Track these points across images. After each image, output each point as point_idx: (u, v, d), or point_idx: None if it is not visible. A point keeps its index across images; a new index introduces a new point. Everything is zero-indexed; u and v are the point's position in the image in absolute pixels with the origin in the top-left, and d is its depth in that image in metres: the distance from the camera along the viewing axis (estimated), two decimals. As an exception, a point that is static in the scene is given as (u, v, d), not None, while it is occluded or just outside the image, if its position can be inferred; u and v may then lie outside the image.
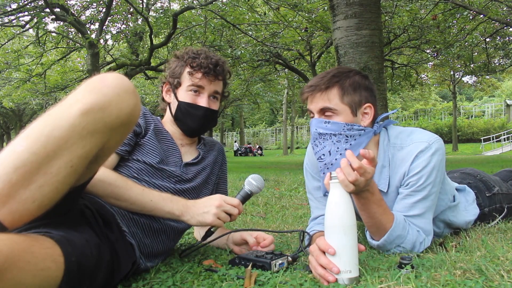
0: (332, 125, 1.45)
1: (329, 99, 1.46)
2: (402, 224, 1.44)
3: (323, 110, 1.47)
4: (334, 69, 1.54)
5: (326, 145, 1.49)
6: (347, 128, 1.46)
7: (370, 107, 1.51)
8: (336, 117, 1.46)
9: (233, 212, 1.36)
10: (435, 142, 1.48)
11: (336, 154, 1.48)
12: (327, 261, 1.15)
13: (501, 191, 1.98)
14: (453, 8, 9.00)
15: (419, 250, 1.44)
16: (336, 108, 1.45)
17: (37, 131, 0.83)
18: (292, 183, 4.82)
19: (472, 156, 18.23)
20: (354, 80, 1.49)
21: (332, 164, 1.49)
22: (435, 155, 1.46)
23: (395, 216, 1.43)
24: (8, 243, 0.76)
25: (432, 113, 37.55)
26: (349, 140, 1.47)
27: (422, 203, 1.47)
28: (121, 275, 1.16)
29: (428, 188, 1.47)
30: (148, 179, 1.41)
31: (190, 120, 1.53)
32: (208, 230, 1.44)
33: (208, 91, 1.53)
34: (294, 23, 9.30)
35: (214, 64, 1.51)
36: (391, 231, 1.42)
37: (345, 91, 1.46)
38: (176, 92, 1.55)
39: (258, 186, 1.47)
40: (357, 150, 1.48)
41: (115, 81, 0.90)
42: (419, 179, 1.46)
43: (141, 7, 9.25)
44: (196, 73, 1.51)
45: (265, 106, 34.33)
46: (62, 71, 12.73)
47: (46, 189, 0.82)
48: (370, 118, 1.51)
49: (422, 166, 1.46)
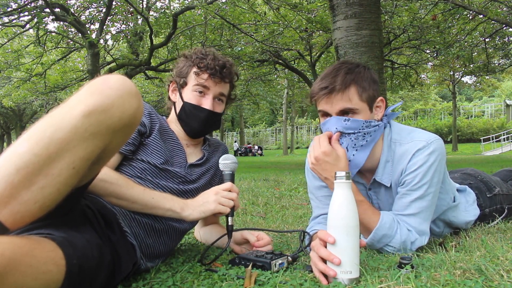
0: (352, 123, 1.45)
1: (350, 99, 1.44)
2: (389, 224, 1.44)
3: (342, 111, 1.45)
4: (339, 65, 1.51)
5: (343, 142, 1.49)
6: (365, 125, 1.46)
7: (382, 101, 1.52)
8: (357, 116, 1.46)
9: (232, 196, 1.38)
10: (434, 142, 1.47)
11: (352, 150, 1.49)
12: (328, 253, 1.16)
13: (501, 192, 1.98)
14: (453, 8, 9.00)
15: (411, 249, 1.44)
16: (357, 107, 1.45)
17: (39, 133, 0.83)
18: (292, 183, 4.83)
19: (472, 156, 18.23)
20: (365, 75, 1.48)
21: (350, 160, 1.49)
22: (432, 155, 1.45)
23: (381, 216, 1.44)
24: (10, 246, 0.76)
25: (432, 113, 37.55)
26: (366, 137, 1.48)
27: (417, 202, 1.46)
28: (121, 275, 1.16)
29: (424, 188, 1.45)
30: (152, 179, 1.42)
31: (193, 121, 1.53)
32: (227, 227, 1.43)
33: (213, 93, 1.53)
34: (294, 21, 9.29)
35: (221, 66, 1.51)
36: (376, 231, 1.43)
37: (363, 88, 1.45)
38: (181, 91, 1.55)
39: (233, 161, 1.48)
40: (371, 146, 1.49)
41: (118, 83, 0.90)
42: (414, 177, 1.45)
43: (141, 7, 9.25)
44: (202, 74, 1.51)
45: (265, 106, 34.28)
46: (62, 71, 12.72)
47: (48, 190, 0.82)
48: (382, 112, 1.52)
49: (419, 164, 1.45)
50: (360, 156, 1.50)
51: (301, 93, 21.40)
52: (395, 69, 13.12)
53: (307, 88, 17.63)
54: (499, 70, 15.55)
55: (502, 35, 11.67)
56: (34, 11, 9.08)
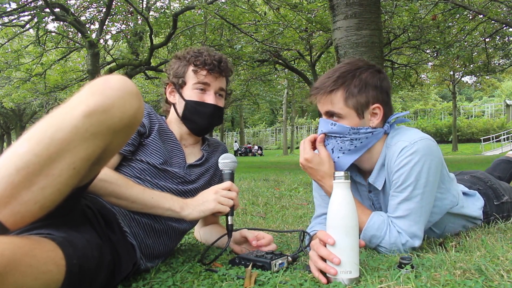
0: (337, 128, 1.46)
1: (333, 103, 1.45)
2: (378, 225, 1.44)
3: (328, 113, 1.48)
4: (343, 65, 1.51)
5: (329, 143, 1.50)
6: (352, 131, 1.46)
7: (379, 108, 1.48)
8: (342, 120, 1.46)
9: (232, 195, 1.38)
10: (418, 142, 1.42)
11: (338, 153, 1.49)
12: (328, 252, 1.16)
13: (510, 199, 1.95)
14: (453, 8, 9.00)
15: (403, 251, 1.43)
16: (340, 112, 1.45)
17: (40, 133, 0.83)
18: (292, 183, 4.83)
19: (472, 156, 18.23)
20: (361, 79, 1.46)
21: (335, 161, 1.50)
22: (415, 155, 1.41)
23: (371, 216, 1.45)
24: (11, 246, 0.76)
25: (432, 113, 37.55)
26: (354, 143, 1.48)
27: (405, 204, 1.44)
28: (121, 275, 1.16)
29: (409, 189, 1.42)
30: (151, 180, 1.42)
31: (198, 118, 1.53)
32: (227, 227, 1.43)
33: (214, 88, 1.53)
34: (294, 21, 9.29)
35: (218, 61, 1.52)
36: (364, 231, 1.45)
37: (350, 93, 1.44)
38: (181, 91, 1.55)
39: (232, 161, 1.48)
40: (361, 151, 1.49)
41: (119, 83, 0.90)
42: (398, 178, 1.44)
43: (141, 7, 9.25)
44: (201, 71, 1.51)
45: (265, 106, 34.32)
46: (62, 71, 12.73)
47: (48, 190, 0.82)
48: (379, 119, 1.49)
49: (401, 165, 1.43)
50: (345, 159, 1.51)
51: (301, 93, 21.41)
52: (395, 69, 13.12)
53: (307, 88, 17.63)
54: (499, 70, 15.56)
55: (502, 35, 11.67)
56: (34, 11, 9.08)
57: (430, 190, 1.46)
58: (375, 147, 1.53)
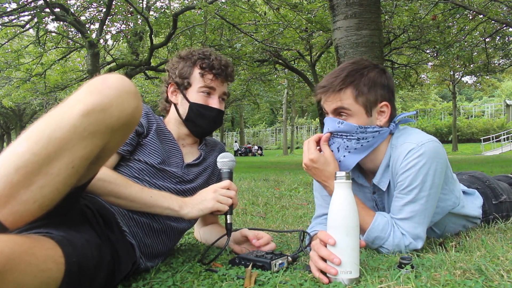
0: (345, 126, 1.45)
1: (344, 100, 1.45)
2: (382, 226, 1.43)
3: (337, 110, 1.47)
4: (348, 64, 1.51)
5: (335, 142, 1.49)
6: (360, 130, 1.45)
7: (387, 106, 1.49)
8: (351, 118, 1.45)
9: (230, 194, 1.38)
10: (425, 145, 1.42)
11: (344, 152, 1.48)
12: (328, 253, 1.15)
13: (508, 199, 1.95)
14: (453, 8, 9.00)
15: (405, 252, 1.43)
16: (350, 108, 1.44)
17: (38, 132, 0.83)
18: (292, 183, 4.82)
19: (472, 156, 18.24)
20: (370, 78, 1.46)
21: (340, 161, 1.49)
22: (422, 157, 1.41)
23: (375, 217, 1.44)
24: (10, 244, 0.76)
25: (432, 113, 37.56)
26: (361, 142, 1.47)
27: (409, 206, 1.43)
28: (121, 275, 1.16)
29: (415, 192, 1.42)
30: (149, 179, 1.42)
31: (202, 121, 1.53)
32: (226, 226, 1.43)
33: (218, 93, 1.54)
34: (294, 21, 9.30)
35: (225, 66, 1.52)
36: (368, 232, 1.44)
37: (360, 91, 1.44)
38: (185, 93, 1.54)
39: (231, 159, 1.48)
40: (367, 151, 1.49)
41: (117, 82, 0.90)
42: (404, 180, 1.43)
43: (141, 7, 9.25)
44: (208, 74, 1.51)
45: (265, 106, 34.34)
46: (62, 71, 12.74)
47: (47, 189, 0.82)
48: (386, 117, 1.49)
49: (408, 167, 1.42)
50: (351, 158, 1.50)
51: (301, 93, 21.42)
52: (395, 69, 13.12)
53: (307, 88, 17.64)
54: (499, 70, 15.57)
55: (502, 35, 11.67)
56: (34, 11, 9.09)
57: (435, 192, 1.46)
58: (380, 147, 1.52)
